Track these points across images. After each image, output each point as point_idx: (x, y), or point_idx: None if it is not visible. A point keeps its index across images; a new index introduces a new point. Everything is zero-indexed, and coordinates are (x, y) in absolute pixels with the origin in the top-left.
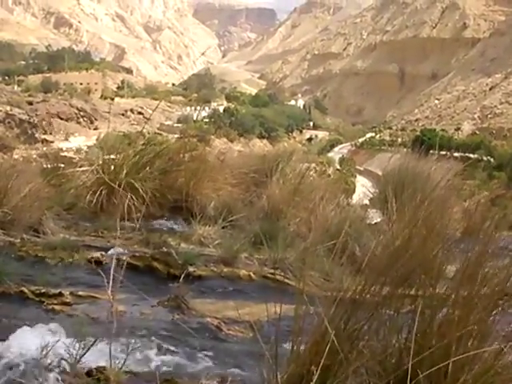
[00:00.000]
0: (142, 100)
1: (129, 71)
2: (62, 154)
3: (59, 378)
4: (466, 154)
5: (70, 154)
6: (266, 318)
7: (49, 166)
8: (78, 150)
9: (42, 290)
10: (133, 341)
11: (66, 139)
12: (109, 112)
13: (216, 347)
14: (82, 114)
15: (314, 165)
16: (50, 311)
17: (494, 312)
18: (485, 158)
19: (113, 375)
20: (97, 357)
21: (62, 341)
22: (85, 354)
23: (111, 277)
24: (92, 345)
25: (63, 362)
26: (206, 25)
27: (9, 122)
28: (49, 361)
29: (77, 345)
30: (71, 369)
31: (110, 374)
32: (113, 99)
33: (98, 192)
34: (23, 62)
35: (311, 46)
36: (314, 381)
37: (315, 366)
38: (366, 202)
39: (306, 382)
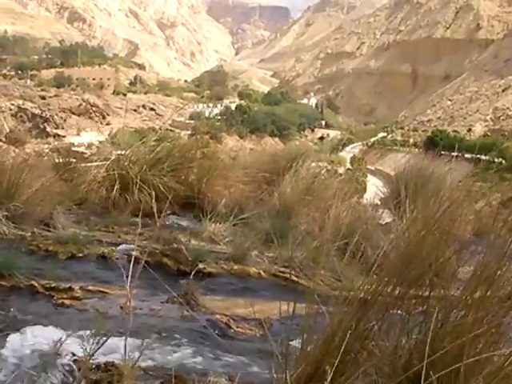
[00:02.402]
0: (154, 96)
1: (142, 67)
2: (74, 148)
3: (72, 373)
4: (478, 156)
5: (82, 149)
6: (275, 316)
7: (60, 160)
8: (90, 145)
9: (52, 285)
10: (142, 336)
11: (78, 134)
12: (121, 108)
13: (225, 344)
14: (94, 109)
15: (325, 164)
16: (59, 305)
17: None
18: (496, 160)
19: (127, 371)
20: (104, 352)
21: (73, 336)
22: (98, 349)
23: (130, 272)
24: (106, 340)
25: (74, 358)
26: (220, 22)
27: (21, 116)
28: (60, 356)
29: (90, 340)
30: (83, 364)
31: (124, 369)
32: (125, 95)
33: (110, 187)
34: (36, 57)
35: (324, 45)
36: (324, 380)
37: (325, 366)
38: (377, 201)
39: (316, 381)
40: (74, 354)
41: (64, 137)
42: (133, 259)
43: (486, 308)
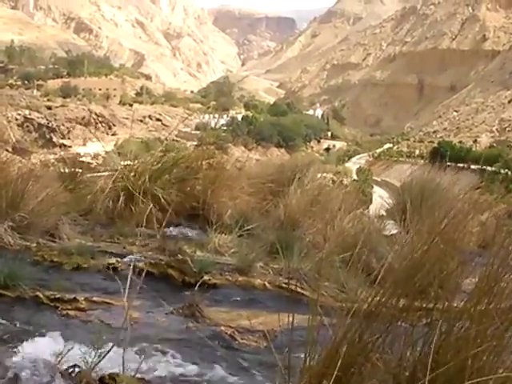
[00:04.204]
0: (160, 107)
1: (148, 78)
2: (80, 159)
3: None
4: (484, 167)
5: (88, 160)
6: (279, 327)
7: (66, 170)
8: (96, 156)
9: (57, 296)
10: (146, 348)
11: (84, 144)
12: (127, 118)
13: (229, 356)
14: (100, 119)
15: (331, 175)
16: (64, 317)
17: None
18: (502, 171)
19: (125, 382)
20: (110, 363)
21: (77, 347)
22: (100, 361)
23: (128, 283)
24: (107, 353)
25: (77, 369)
26: (226, 33)
27: (27, 126)
28: (63, 367)
29: (92, 352)
30: (85, 376)
31: (123, 381)
32: (131, 105)
33: (115, 198)
34: (43, 67)
35: (330, 56)
36: None
37: (329, 378)
38: (383, 212)
39: None
40: (76, 366)
41: (70, 147)
42: (138, 270)
43: (489, 320)
